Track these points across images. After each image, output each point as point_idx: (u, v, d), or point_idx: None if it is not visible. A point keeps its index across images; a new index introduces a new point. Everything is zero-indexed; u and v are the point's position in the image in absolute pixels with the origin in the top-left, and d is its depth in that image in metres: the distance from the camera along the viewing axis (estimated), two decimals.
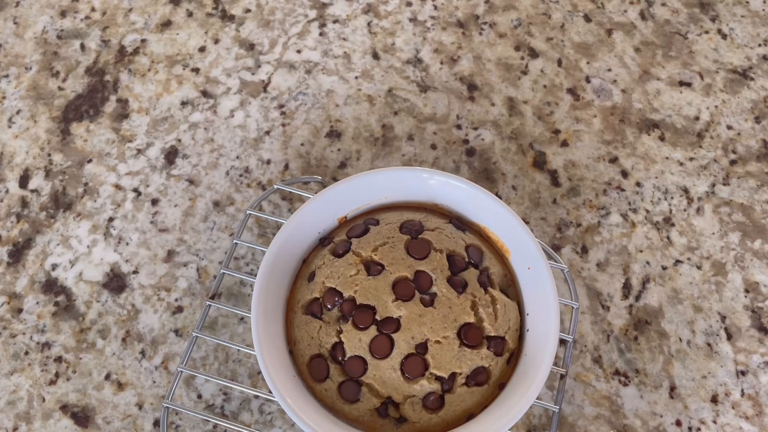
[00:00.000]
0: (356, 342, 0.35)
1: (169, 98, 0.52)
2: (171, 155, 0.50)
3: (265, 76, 0.53)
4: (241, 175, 0.49)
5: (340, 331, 0.35)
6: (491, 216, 0.39)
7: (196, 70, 0.53)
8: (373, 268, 0.36)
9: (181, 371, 0.38)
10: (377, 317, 0.35)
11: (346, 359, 0.35)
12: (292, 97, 0.52)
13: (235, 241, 0.41)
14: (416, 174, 0.39)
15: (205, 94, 0.52)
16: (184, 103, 0.52)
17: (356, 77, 0.53)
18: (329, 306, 0.36)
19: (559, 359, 0.42)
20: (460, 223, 0.40)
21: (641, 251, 0.46)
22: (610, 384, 0.42)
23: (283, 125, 0.51)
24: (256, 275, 0.39)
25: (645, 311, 0.44)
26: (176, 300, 0.45)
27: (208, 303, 0.39)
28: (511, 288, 0.39)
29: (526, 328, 0.37)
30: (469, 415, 0.35)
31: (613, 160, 0.49)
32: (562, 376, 0.38)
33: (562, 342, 0.41)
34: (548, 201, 0.48)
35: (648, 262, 0.46)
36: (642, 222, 0.47)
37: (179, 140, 0.50)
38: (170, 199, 0.48)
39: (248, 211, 0.42)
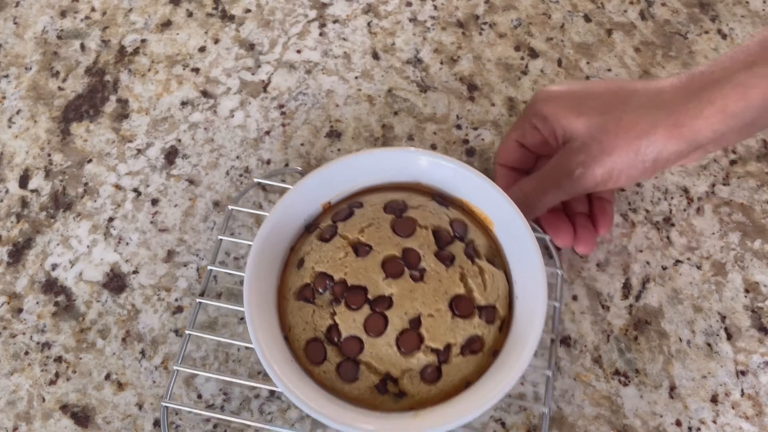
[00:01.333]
0: (351, 322, 0.35)
1: (169, 98, 0.52)
2: (171, 155, 0.50)
3: (265, 76, 0.53)
4: (241, 175, 0.49)
5: (333, 314, 0.36)
6: (473, 190, 0.39)
7: (196, 70, 0.53)
8: (361, 249, 0.37)
9: (177, 370, 0.38)
10: (369, 296, 0.35)
11: (342, 340, 0.35)
12: (292, 97, 0.52)
13: (219, 237, 0.41)
14: (398, 154, 0.40)
15: (205, 94, 0.52)
16: (184, 103, 0.52)
17: (356, 77, 0.53)
18: (321, 290, 0.36)
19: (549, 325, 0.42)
20: (443, 199, 0.40)
21: (641, 251, 0.46)
22: (610, 384, 0.42)
23: (283, 125, 0.51)
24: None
25: (645, 311, 0.44)
26: (176, 300, 0.45)
27: (198, 301, 0.40)
28: (497, 258, 0.40)
29: (515, 296, 0.38)
30: (467, 384, 0.36)
31: None
32: (552, 341, 0.39)
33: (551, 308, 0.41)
34: None
35: (648, 262, 0.46)
36: (642, 222, 0.47)
37: (179, 140, 0.50)
38: (170, 199, 0.48)
39: (230, 207, 0.42)
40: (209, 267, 0.40)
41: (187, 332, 0.39)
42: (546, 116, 0.41)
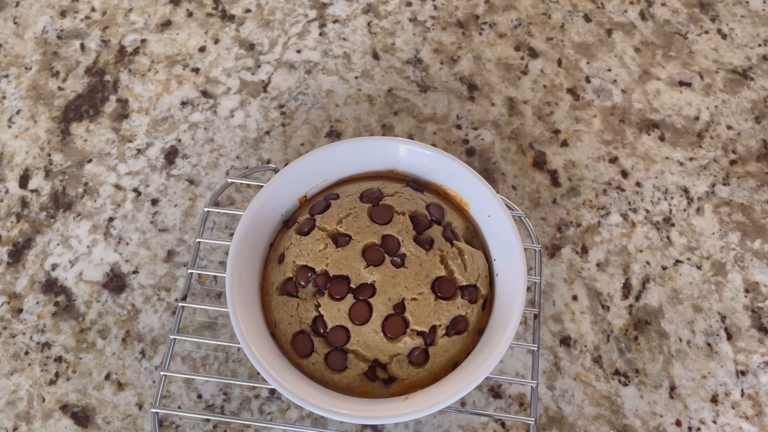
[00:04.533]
0: (335, 312, 0.36)
1: (169, 98, 0.52)
2: (171, 155, 0.50)
3: (265, 76, 0.53)
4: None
5: (318, 305, 0.36)
6: (447, 173, 0.40)
7: (196, 70, 0.53)
8: (340, 239, 0.37)
9: (164, 375, 0.38)
10: (352, 285, 0.36)
11: (328, 331, 0.36)
12: (292, 97, 0.52)
13: (197, 239, 0.41)
14: (371, 144, 0.40)
15: (205, 94, 0.52)
16: (184, 103, 0.52)
17: (356, 77, 0.53)
18: (303, 283, 0.37)
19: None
20: (417, 184, 0.41)
21: (641, 251, 0.46)
22: (610, 384, 0.42)
23: (283, 125, 0.51)
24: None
25: (645, 311, 0.44)
26: (176, 300, 0.45)
27: (181, 305, 0.40)
28: (475, 239, 0.40)
29: (495, 273, 0.39)
30: (455, 364, 0.36)
31: (613, 160, 0.49)
32: (536, 316, 0.40)
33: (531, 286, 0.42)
34: (548, 201, 0.48)
35: (648, 262, 0.46)
36: (642, 222, 0.47)
37: (179, 140, 0.50)
38: (170, 199, 0.48)
39: (205, 209, 0.42)
40: (189, 270, 0.40)
41: (171, 337, 0.39)
42: None
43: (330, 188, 0.41)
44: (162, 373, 0.38)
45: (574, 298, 0.45)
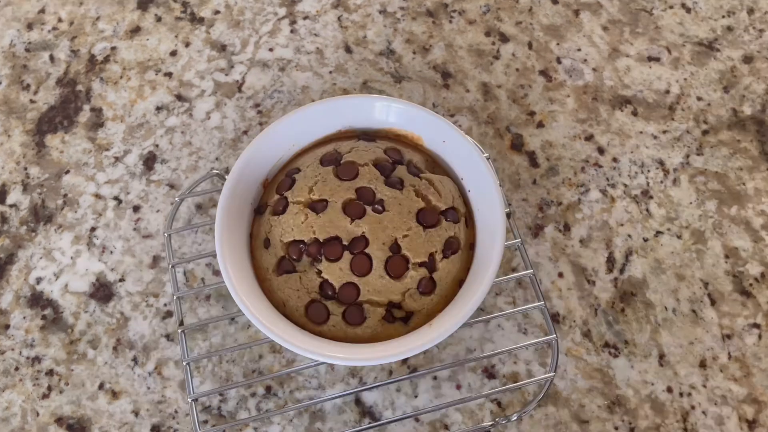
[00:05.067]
0: (338, 272, 0.37)
1: (143, 104, 0.52)
2: (149, 161, 0.50)
3: (239, 76, 0.53)
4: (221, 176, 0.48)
5: (319, 272, 0.37)
6: (392, 116, 0.42)
7: (169, 75, 0.53)
8: (318, 206, 0.38)
9: (192, 401, 0.38)
10: (344, 243, 0.37)
11: (337, 291, 0.37)
12: (267, 95, 0.52)
13: (170, 265, 0.42)
14: (313, 110, 0.41)
15: (179, 97, 0.52)
16: (159, 108, 0.52)
17: (330, 72, 0.53)
18: (296, 257, 0.38)
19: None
20: (368, 136, 0.43)
21: (622, 225, 0.47)
22: (601, 356, 0.43)
23: (261, 124, 0.51)
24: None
25: (630, 283, 0.45)
26: (165, 305, 0.45)
27: (181, 331, 0.40)
28: (437, 167, 0.43)
29: (467, 190, 0.41)
30: (460, 282, 0.39)
31: (589, 138, 0.50)
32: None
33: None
34: (528, 182, 0.48)
35: (629, 235, 0.46)
36: (621, 196, 0.48)
37: (157, 145, 0.50)
38: (152, 204, 0.48)
39: (165, 233, 0.43)
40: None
41: (184, 363, 0.39)
42: None
43: (287, 165, 0.43)
44: (190, 399, 0.38)
45: (560, 275, 0.45)
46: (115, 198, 0.48)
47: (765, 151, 0.49)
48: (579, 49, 0.53)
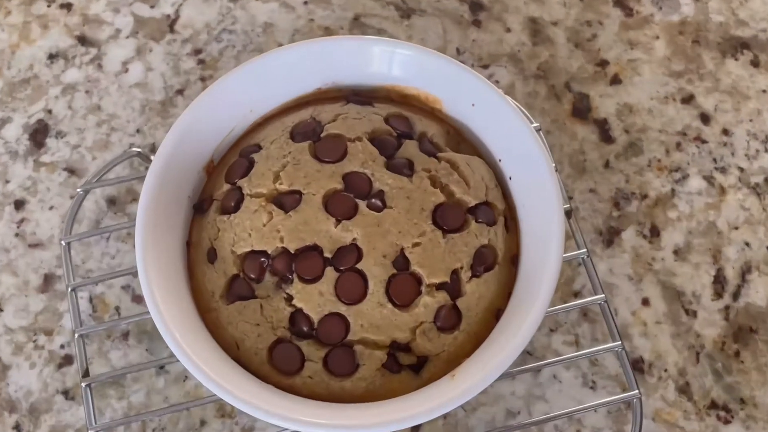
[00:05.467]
0: (317, 298, 0.37)
1: (29, 50, 0.52)
2: (38, 134, 0.50)
3: (171, 9, 0.53)
4: (145, 156, 0.48)
5: (289, 298, 0.37)
6: (398, 67, 0.42)
7: (68, 7, 0.53)
8: (287, 200, 0.38)
9: None
10: (327, 255, 0.37)
11: (316, 326, 0.37)
12: (212, 37, 0.52)
13: (69, 288, 0.42)
14: (280, 58, 0.41)
15: (83, 40, 0.52)
16: (52, 57, 0.52)
17: (305, 2, 0.53)
18: (256, 276, 0.38)
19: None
20: (360, 96, 0.42)
21: (736, 228, 0.47)
22: (706, 422, 0.43)
23: (203, 80, 0.51)
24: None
25: (747, 314, 0.45)
26: (62, 347, 0.45)
27: (85, 385, 0.40)
28: (462, 143, 0.42)
29: (507, 177, 0.41)
30: (496, 312, 0.38)
31: (688, 100, 0.50)
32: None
33: None
34: (598, 165, 0.48)
35: (747, 244, 0.46)
36: (734, 186, 0.48)
37: (49, 111, 0.50)
38: (42, 198, 0.48)
39: (63, 241, 0.43)
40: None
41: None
42: None
43: (242, 141, 0.42)
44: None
45: (645, 302, 0.45)
46: None
47: None
48: None
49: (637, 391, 0.39)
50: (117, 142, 0.49)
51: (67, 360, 0.45)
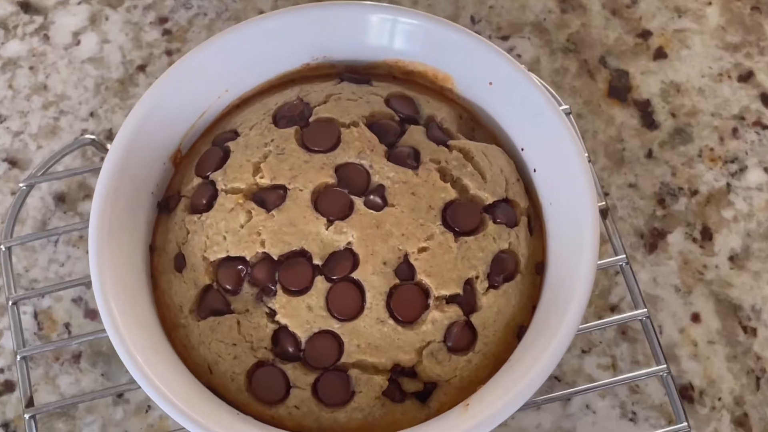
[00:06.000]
0: (305, 313, 0.37)
1: None
2: None
3: None
4: (100, 144, 0.48)
5: (272, 313, 0.37)
6: (401, 39, 0.42)
7: None
8: (268, 197, 0.38)
9: None
10: (316, 262, 0.37)
11: (304, 347, 0.37)
12: (180, 3, 0.52)
13: (9, 301, 0.42)
14: (268, 25, 0.41)
15: (26, 7, 0.52)
16: None
17: None
18: (231, 287, 0.38)
19: None
20: (356, 74, 0.43)
21: None
22: None
23: (169, 54, 0.51)
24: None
25: None
26: (1, 371, 0.45)
27: (28, 416, 0.40)
28: (479, 129, 0.42)
29: (532, 170, 0.41)
30: (518, 329, 0.38)
31: (746, 77, 0.50)
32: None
33: None
34: (639, 154, 0.49)
35: None
36: None
37: None
38: None
39: (1, 245, 0.43)
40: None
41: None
42: None
43: (215, 126, 0.43)
44: None
45: (695, 318, 0.45)
46: None
47: None
48: None
49: (685, 423, 0.39)
50: (67, 127, 0.49)
51: (8, 387, 0.45)
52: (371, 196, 0.38)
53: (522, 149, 0.41)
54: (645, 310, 0.41)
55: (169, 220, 0.40)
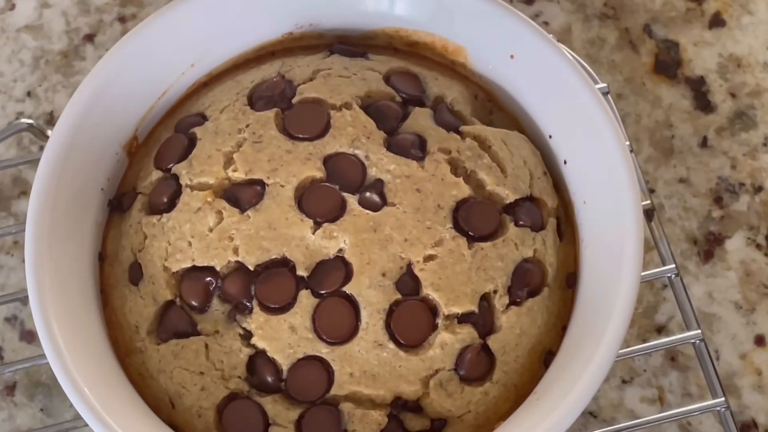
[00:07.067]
0: (287, 335, 0.37)
1: None
2: None
3: None
4: (39, 131, 0.49)
5: (247, 335, 0.37)
6: (403, 3, 0.42)
7: None
8: (243, 194, 0.38)
9: None
10: (300, 273, 0.37)
11: (285, 376, 0.37)
12: None
13: None
14: None
15: None
16: None
17: None
18: (198, 303, 0.37)
19: None
20: (348, 45, 0.43)
21: None
22: None
23: (123, 21, 0.51)
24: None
25: None
26: None
27: None
28: (497, 112, 0.42)
29: (561, 161, 0.41)
30: (545, 354, 0.38)
31: None
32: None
33: None
34: (691, 143, 0.49)
35: None
36: None
37: None
38: None
39: None
40: None
41: None
42: None
43: (179, 108, 0.43)
44: None
45: (759, 341, 0.45)
46: None
47: None
48: None
49: None
50: None
51: None
52: (367, 194, 0.38)
53: (550, 136, 0.41)
54: (699, 331, 0.41)
55: (122, 223, 0.41)
